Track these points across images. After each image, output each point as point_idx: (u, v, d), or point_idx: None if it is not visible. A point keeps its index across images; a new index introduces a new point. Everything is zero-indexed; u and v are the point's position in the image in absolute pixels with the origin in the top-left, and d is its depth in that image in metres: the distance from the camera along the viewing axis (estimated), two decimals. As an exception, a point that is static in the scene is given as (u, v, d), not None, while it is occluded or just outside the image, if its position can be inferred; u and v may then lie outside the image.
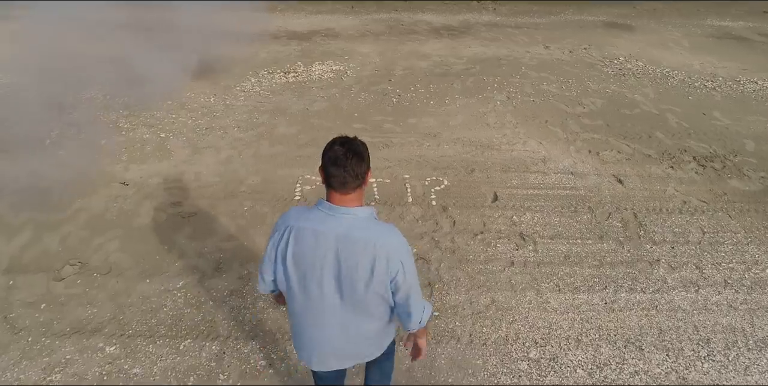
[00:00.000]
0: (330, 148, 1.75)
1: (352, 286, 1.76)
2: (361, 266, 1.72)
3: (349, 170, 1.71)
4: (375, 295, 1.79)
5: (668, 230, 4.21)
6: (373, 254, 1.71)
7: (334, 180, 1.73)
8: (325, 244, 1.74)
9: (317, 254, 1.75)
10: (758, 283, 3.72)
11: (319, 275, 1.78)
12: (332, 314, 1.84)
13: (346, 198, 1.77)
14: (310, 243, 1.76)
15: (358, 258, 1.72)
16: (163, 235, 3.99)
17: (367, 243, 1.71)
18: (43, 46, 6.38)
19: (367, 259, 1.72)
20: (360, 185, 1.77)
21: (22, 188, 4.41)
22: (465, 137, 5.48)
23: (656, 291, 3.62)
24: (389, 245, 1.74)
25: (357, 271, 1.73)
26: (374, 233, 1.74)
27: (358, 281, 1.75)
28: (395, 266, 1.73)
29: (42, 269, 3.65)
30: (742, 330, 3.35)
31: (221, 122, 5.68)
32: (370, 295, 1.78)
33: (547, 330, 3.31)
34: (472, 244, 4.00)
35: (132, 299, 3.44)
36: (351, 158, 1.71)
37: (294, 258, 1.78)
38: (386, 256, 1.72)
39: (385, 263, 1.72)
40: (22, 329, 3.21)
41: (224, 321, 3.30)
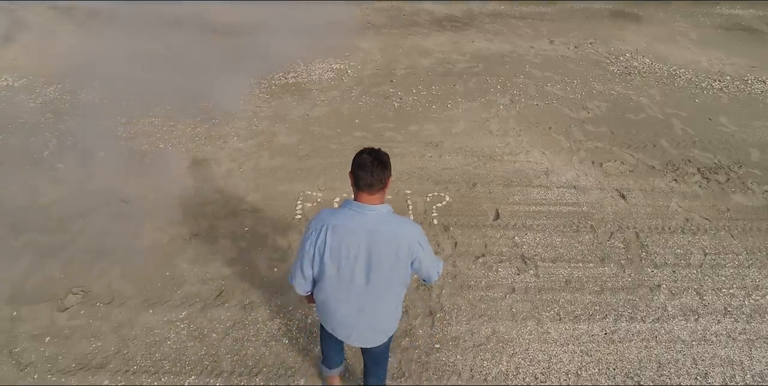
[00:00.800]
0: (359, 156, 2.16)
1: (379, 270, 2.17)
2: (389, 253, 2.14)
3: (375, 175, 2.12)
4: (398, 275, 2.21)
5: (670, 252, 4.19)
6: (397, 243, 2.14)
7: (362, 182, 2.14)
8: (357, 238, 2.14)
9: (351, 246, 2.14)
10: (758, 310, 3.72)
11: (352, 263, 2.17)
12: (356, 297, 2.24)
13: (372, 198, 2.16)
14: (344, 238, 2.14)
15: (385, 248, 2.14)
16: (165, 259, 3.97)
17: (392, 235, 2.14)
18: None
19: (393, 247, 2.14)
20: (383, 188, 2.17)
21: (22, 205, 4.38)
22: (467, 147, 5.40)
23: (656, 320, 3.63)
24: (410, 234, 2.17)
25: (386, 257, 2.14)
26: (396, 226, 2.16)
27: (385, 266, 2.16)
28: (416, 250, 2.18)
29: (45, 298, 3.64)
30: (740, 364, 3.37)
31: (220, 129, 5.58)
32: (394, 275, 2.20)
33: (547, 364, 3.33)
34: (473, 268, 3.99)
35: (135, 331, 3.45)
36: (377, 166, 2.12)
37: (331, 251, 2.16)
38: (408, 243, 2.16)
39: (407, 249, 2.16)
40: (28, 365, 3.23)
41: (227, 356, 3.32)
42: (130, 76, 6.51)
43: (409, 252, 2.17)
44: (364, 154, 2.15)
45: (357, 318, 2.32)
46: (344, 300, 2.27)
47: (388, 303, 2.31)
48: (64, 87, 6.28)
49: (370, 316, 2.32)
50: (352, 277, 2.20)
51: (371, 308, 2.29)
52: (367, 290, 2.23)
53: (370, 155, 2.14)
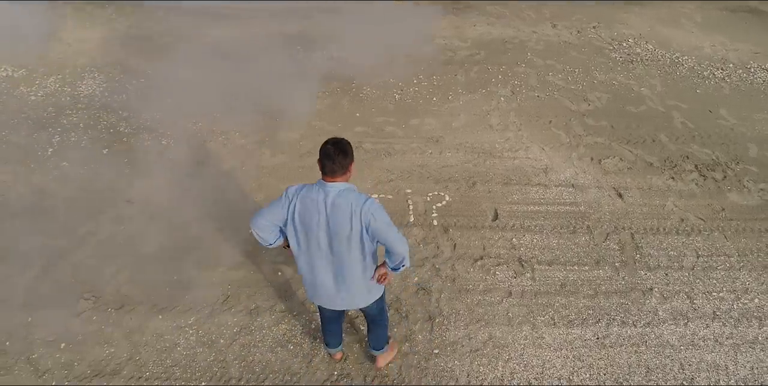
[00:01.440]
0: (324, 146, 2.40)
1: (338, 238, 2.45)
2: (343, 223, 2.41)
3: (337, 163, 2.37)
4: (356, 244, 2.48)
5: (663, 254, 4.25)
6: (350, 212, 2.40)
7: (327, 169, 2.40)
8: (318, 208, 2.42)
9: (313, 215, 2.44)
10: (745, 315, 3.81)
11: (317, 232, 2.46)
12: (327, 263, 2.57)
13: (333, 181, 2.43)
14: (308, 207, 2.44)
15: (340, 218, 2.41)
16: (172, 263, 4.03)
17: (346, 206, 2.40)
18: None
19: (347, 218, 2.40)
20: (344, 173, 2.43)
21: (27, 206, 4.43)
22: (467, 143, 5.38)
23: (647, 325, 3.73)
24: (361, 205, 2.41)
25: (341, 227, 2.42)
26: (351, 199, 2.41)
27: (342, 234, 2.44)
28: (366, 218, 2.41)
29: (57, 304, 3.73)
30: (726, 369, 3.48)
31: (222, 125, 5.55)
32: (352, 243, 2.47)
33: (541, 369, 3.45)
34: (471, 271, 4.06)
35: (146, 337, 3.56)
36: (338, 155, 2.37)
37: (299, 217, 2.45)
38: (360, 212, 2.40)
39: (359, 217, 2.40)
40: (46, 371, 3.34)
41: (235, 361, 3.43)
42: (130, 67, 6.43)
43: (361, 221, 2.41)
44: (329, 144, 2.39)
45: (334, 284, 2.64)
46: (318, 267, 2.59)
47: (354, 268, 2.58)
48: (64, 78, 6.19)
49: (343, 281, 2.62)
50: (318, 244, 2.50)
51: (341, 273, 2.60)
52: (333, 257, 2.55)
53: (334, 145, 2.38)
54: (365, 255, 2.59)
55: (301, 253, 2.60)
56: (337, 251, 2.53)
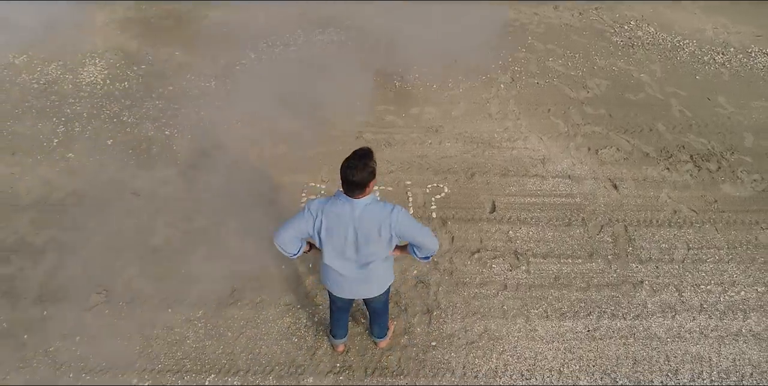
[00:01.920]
0: (346, 167, 2.39)
1: (366, 247, 2.57)
2: (372, 234, 2.53)
3: (357, 184, 2.41)
4: (381, 249, 2.61)
5: (655, 247, 4.30)
6: (378, 224, 2.51)
7: (346, 189, 2.46)
8: (345, 223, 2.51)
9: (340, 229, 2.53)
10: (731, 307, 3.90)
11: (343, 241, 2.57)
12: (350, 264, 2.68)
13: (357, 198, 2.48)
14: (334, 222, 2.52)
15: (368, 230, 2.52)
16: (179, 257, 4.10)
17: (374, 220, 2.50)
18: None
19: (375, 229, 2.51)
20: (363, 192, 2.46)
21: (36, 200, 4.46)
22: (466, 132, 5.35)
23: (636, 317, 3.82)
24: (388, 215, 2.50)
25: (370, 237, 2.53)
26: (377, 211, 2.50)
27: (370, 243, 2.56)
28: (397, 227, 2.52)
29: (70, 298, 3.82)
30: (709, 360, 3.59)
31: (224, 114, 5.49)
32: (378, 249, 2.60)
33: (533, 361, 3.56)
34: (468, 264, 4.12)
35: (157, 330, 3.65)
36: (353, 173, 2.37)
37: (326, 231, 2.54)
38: (389, 223, 2.50)
39: (389, 227, 2.51)
40: (63, 364, 3.46)
41: (242, 354, 3.54)
42: (131, 52, 6.32)
43: (390, 229, 2.51)
44: (349, 168, 2.38)
45: (356, 279, 2.76)
46: (343, 267, 2.70)
47: (376, 267, 2.72)
48: (65, 65, 6.10)
49: (365, 276, 2.75)
50: (344, 250, 2.61)
51: (365, 269, 2.71)
52: (358, 259, 2.66)
53: (353, 169, 2.37)
54: (388, 251, 2.70)
55: (327, 257, 2.68)
56: (364, 254, 2.63)
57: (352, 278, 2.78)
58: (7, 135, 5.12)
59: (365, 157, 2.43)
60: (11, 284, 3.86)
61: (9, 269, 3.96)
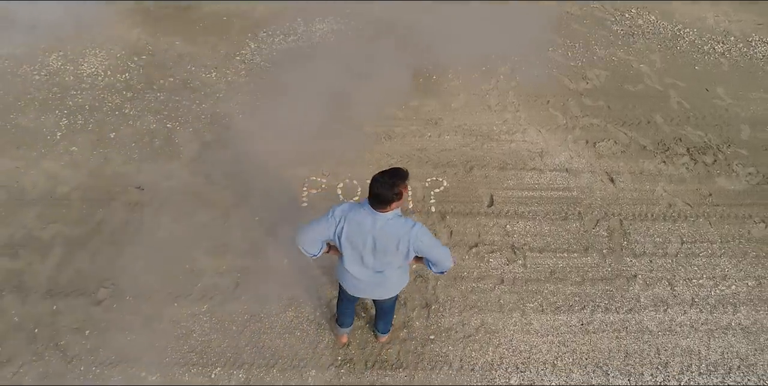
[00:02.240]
0: (374, 180, 2.42)
1: (383, 256, 2.61)
2: (390, 247, 2.55)
3: (380, 200, 2.43)
4: (397, 260, 2.64)
5: (650, 241, 4.32)
6: (398, 241, 2.53)
7: (371, 201, 2.47)
8: (366, 232, 2.53)
9: (360, 237, 2.56)
10: (722, 301, 3.95)
11: (362, 248, 2.60)
12: (367, 268, 2.71)
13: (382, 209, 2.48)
14: (355, 230, 2.54)
15: (387, 243, 2.54)
16: (183, 251, 4.11)
17: (394, 235, 2.52)
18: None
19: (393, 244, 2.54)
20: (385, 208, 2.47)
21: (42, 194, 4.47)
22: (465, 125, 5.31)
23: (629, 311, 3.87)
24: (408, 231, 2.52)
25: (388, 249, 2.56)
26: (398, 226, 2.52)
27: (388, 254, 2.59)
28: (415, 244, 2.54)
29: (79, 291, 3.86)
30: (698, 353, 3.65)
31: (224, 106, 5.45)
32: (395, 259, 2.63)
33: (528, 354, 3.63)
34: (467, 259, 4.16)
35: (164, 324, 3.71)
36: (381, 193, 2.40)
37: (347, 237, 2.57)
38: (408, 238, 2.52)
39: (407, 242, 2.53)
40: (74, 357, 3.52)
41: (247, 347, 3.60)
42: (130, 42, 6.22)
43: (408, 246, 2.54)
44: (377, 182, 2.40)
45: (368, 281, 2.79)
46: (358, 270, 2.73)
47: (391, 274, 2.76)
48: (66, 56, 6.01)
49: (378, 280, 2.78)
50: (362, 256, 2.64)
51: (380, 275, 2.75)
52: (374, 266, 2.69)
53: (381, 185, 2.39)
54: (405, 262, 2.73)
55: (347, 262, 2.72)
56: (380, 262, 2.67)
57: (367, 281, 2.81)
58: (11, 128, 5.08)
59: (395, 177, 2.43)
60: (21, 279, 3.90)
61: (18, 263, 3.99)
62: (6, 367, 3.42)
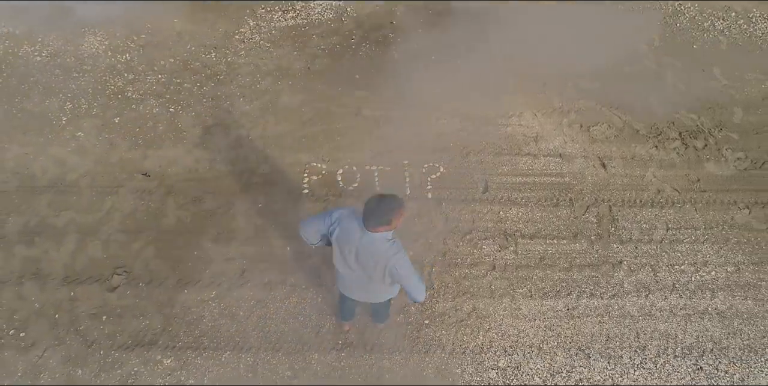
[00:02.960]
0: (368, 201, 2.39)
1: (365, 268, 2.54)
2: (369, 263, 2.50)
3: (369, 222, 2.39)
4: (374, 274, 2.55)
5: (636, 227, 4.30)
6: (375, 262, 2.47)
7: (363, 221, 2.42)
8: (352, 243, 2.49)
9: (347, 245, 2.52)
10: (701, 287, 3.99)
11: (347, 256, 2.56)
12: (355, 274, 2.65)
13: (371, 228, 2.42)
14: (344, 238, 2.51)
15: (368, 258, 2.48)
16: (191, 239, 4.11)
17: (375, 253, 2.45)
18: None
19: (372, 260, 2.48)
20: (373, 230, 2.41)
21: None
22: (463, 108, 5.13)
23: (612, 296, 3.92)
24: (388, 258, 2.44)
25: (367, 264, 2.51)
26: (381, 249, 2.44)
27: (367, 268, 2.53)
28: (391, 271, 2.47)
29: (94, 278, 3.90)
30: (675, 337, 3.74)
31: (225, 88, 5.26)
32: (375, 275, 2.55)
33: (516, 338, 3.72)
34: (461, 245, 4.16)
35: (176, 310, 3.77)
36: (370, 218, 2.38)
37: (337, 239, 2.54)
38: (385, 263, 2.44)
39: (384, 266, 2.46)
40: (93, 342, 3.62)
41: (254, 332, 3.69)
42: (129, 21, 5.94)
43: (385, 271, 2.48)
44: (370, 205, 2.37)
45: (357, 287, 2.79)
46: (348, 274, 2.69)
47: (375, 285, 2.68)
48: (65, 36, 5.74)
49: (364, 285, 2.74)
50: (349, 264, 2.59)
51: (365, 284, 2.71)
52: (362, 273, 2.62)
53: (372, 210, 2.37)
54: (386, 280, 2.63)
55: (335, 258, 2.69)
56: (366, 273, 2.61)
57: (352, 281, 2.78)
58: (17, 113, 4.94)
59: (389, 209, 2.38)
60: (38, 266, 3.92)
61: (34, 251, 4.01)
62: (31, 351, 3.51)
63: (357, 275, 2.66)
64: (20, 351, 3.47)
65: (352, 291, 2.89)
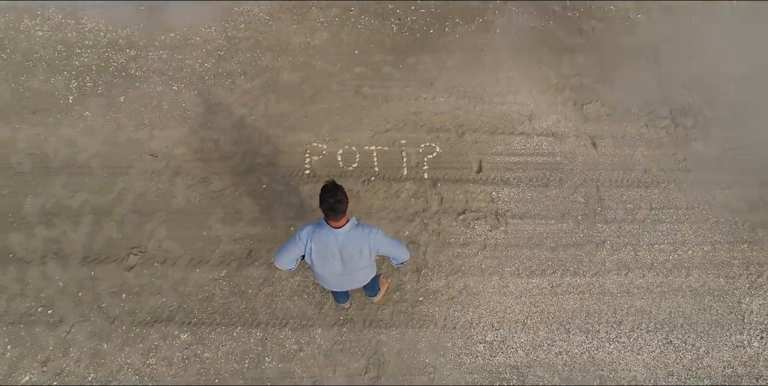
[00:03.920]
0: (324, 197, 2.33)
1: (350, 263, 2.53)
2: (355, 254, 2.49)
3: (338, 212, 2.35)
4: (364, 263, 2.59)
5: (621, 207, 4.05)
6: (360, 249, 2.47)
7: (329, 216, 2.39)
8: (331, 248, 2.46)
9: (327, 252, 2.48)
10: (677, 265, 3.81)
11: (331, 260, 2.52)
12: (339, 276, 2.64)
13: (338, 222, 2.42)
14: (323, 248, 2.47)
15: (352, 251, 2.47)
16: (200, 219, 3.86)
17: (356, 242, 2.46)
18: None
19: (357, 251, 2.48)
20: (344, 214, 2.37)
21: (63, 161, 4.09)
22: (460, 85, 4.67)
23: (594, 275, 3.76)
24: (367, 237, 2.48)
25: (354, 257, 2.50)
26: (357, 236, 2.46)
27: (354, 261, 2.52)
28: (375, 246, 2.50)
29: (111, 258, 3.72)
30: (649, 313, 3.63)
31: (227, 65, 4.76)
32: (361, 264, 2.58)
33: (503, 314, 3.62)
34: (454, 225, 3.95)
35: (189, 288, 3.64)
36: (338, 204, 2.33)
37: (317, 253, 2.48)
38: (368, 243, 2.48)
39: (368, 249, 2.49)
40: (115, 318, 3.53)
41: (262, 309, 3.58)
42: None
43: (371, 250, 2.49)
44: (328, 197, 2.31)
45: (344, 282, 2.73)
46: (332, 275, 2.64)
47: (360, 273, 2.68)
48: (64, 8, 5.17)
49: (352, 280, 2.73)
50: (333, 267, 2.55)
51: (351, 276, 2.67)
52: (345, 271, 2.60)
53: (333, 197, 2.30)
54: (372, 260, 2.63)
55: (318, 268, 2.61)
56: (349, 267, 2.58)
57: (338, 279, 2.69)
58: (24, 91, 4.52)
59: (337, 197, 2.35)
60: (59, 246, 3.74)
61: (54, 232, 3.81)
62: (60, 327, 3.43)
63: (345, 271, 2.59)
64: (50, 327, 3.39)
65: (340, 286, 2.77)
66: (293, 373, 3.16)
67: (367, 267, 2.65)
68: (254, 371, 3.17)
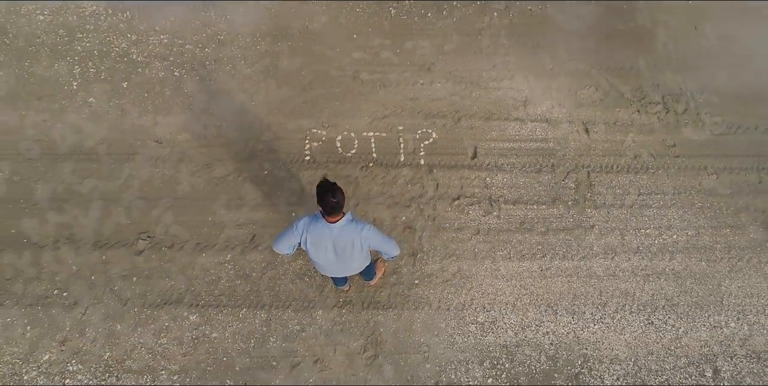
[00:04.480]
0: (322, 195, 2.17)
1: (343, 254, 2.36)
2: (347, 247, 2.32)
3: (336, 209, 2.19)
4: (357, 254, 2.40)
5: (611, 193, 3.68)
6: (352, 243, 2.29)
7: (326, 213, 2.24)
8: (325, 241, 2.29)
9: (322, 244, 2.30)
10: (662, 249, 3.51)
11: (325, 251, 2.34)
12: (334, 264, 2.46)
13: (334, 219, 2.25)
14: (317, 239, 2.30)
15: (345, 244, 2.30)
16: (204, 205, 3.48)
17: (349, 237, 2.28)
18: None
19: (350, 245, 2.30)
20: (341, 212, 2.21)
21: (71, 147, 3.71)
22: (457, 71, 4.17)
23: (582, 258, 3.47)
24: (359, 233, 2.30)
25: (346, 250, 2.33)
26: (351, 230, 2.27)
27: (347, 253, 2.35)
28: (366, 242, 2.32)
29: (121, 243, 3.42)
30: (633, 295, 3.37)
31: (227, 50, 4.25)
32: (354, 254, 2.40)
33: (494, 297, 3.36)
34: (449, 211, 3.61)
35: (196, 271, 3.35)
36: (336, 202, 2.17)
37: (312, 243, 2.30)
38: (360, 239, 2.29)
39: (359, 243, 2.30)
40: (127, 300, 3.28)
41: (266, 291, 3.32)
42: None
43: (363, 245, 2.31)
44: (329, 198, 2.14)
45: (340, 269, 2.52)
46: (325, 262, 2.45)
47: (354, 262, 2.47)
48: (63, -10, 4.56)
49: (347, 268, 2.52)
50: (326, 256, 2.37)
51: (344, 265, 2.48)
52: (338, 260, 2.43)
53: (333, 197, 2.15)
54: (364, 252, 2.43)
55: (313, 255, 2.43)
56: (342, 258, 2.40)
57: (337, 267, 2.49)
58: (29, 77, 4.04)
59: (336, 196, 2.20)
60: (71, 231, 3.40)
61: (65, 217, 3.47)
62: (75, 309, 3.19)
63: (338, 261, 2.40)
64: (65, 309, 3.15)
65: (334, 273, 2.55)
66: (296, 352, 2.95)
67: (360, 258, 2.40)
68: (259, 350, 2.95)
